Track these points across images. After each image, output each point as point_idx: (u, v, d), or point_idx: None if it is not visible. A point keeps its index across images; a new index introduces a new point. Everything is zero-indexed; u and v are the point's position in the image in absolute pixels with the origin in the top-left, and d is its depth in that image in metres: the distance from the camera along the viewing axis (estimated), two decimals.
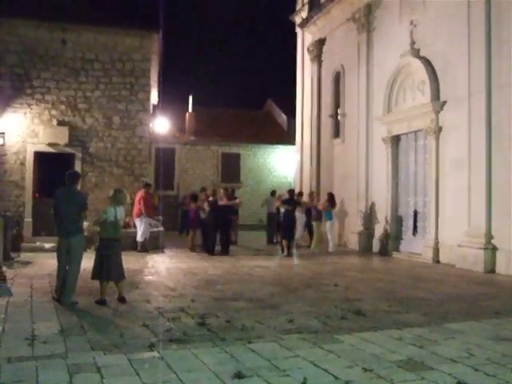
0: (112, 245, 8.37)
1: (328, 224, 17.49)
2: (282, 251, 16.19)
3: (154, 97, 21.52)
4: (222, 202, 16.64)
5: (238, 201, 17.95)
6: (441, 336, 6.39)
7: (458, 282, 11.14)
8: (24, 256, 14.01)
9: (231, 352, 5.61)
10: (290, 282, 11.21)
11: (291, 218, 16.48)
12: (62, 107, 17.32)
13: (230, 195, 17.66)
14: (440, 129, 14.92)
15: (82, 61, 17.53)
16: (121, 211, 8.60)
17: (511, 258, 12.20)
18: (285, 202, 16.72)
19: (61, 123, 17.23)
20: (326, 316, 7.43)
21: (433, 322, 7.21)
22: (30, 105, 17.08)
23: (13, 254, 13.50)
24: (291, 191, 17.51)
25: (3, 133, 16.64)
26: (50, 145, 17.02)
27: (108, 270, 8.22)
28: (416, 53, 15.94)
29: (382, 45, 18.02)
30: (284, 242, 16.24)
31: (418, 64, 15.82)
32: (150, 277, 11.33)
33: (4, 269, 10.70)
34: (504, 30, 12.74)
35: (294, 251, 16.72)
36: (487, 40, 13.12)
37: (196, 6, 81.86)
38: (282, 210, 16.76)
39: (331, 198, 17.81)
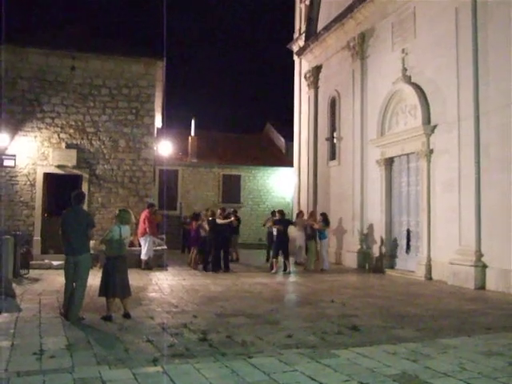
0: (117, 262, 8.36)
1: (323, 243, 17.48)
2: (272, 269, 16.13)
3: (158, 121, 21.60)
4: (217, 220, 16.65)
5: (232, 219, 17.89)
6: (434, 351, 6.35)
7: (450, 299, 11.10)
8: (33, 273, 13.95)
9: (232, 367, 5.59)
10: (288, 298, 11.19)
11: (283, 237, 16.45)
12: (71, 131, 17.39)
13: (226, 214, 17.61)
14: (431, 151, 14.97)
15: (90, 87, 17.65)
16: (125, 230, 8.60)
17: (500, 276, 12.17)
18: (276, 223, 16.65)
19: (69, 146, 17.30)
20: (323, 331, 7.40)
21: (426, 337, 7.18)
22: (40, 128, 17.15)
23: (22, 271, 13.46)
24: (281, 211, 17.47)
25: (14, 155, 16.69)
26: (58, 167, 17.08)
27: (114, 287, 8.20)
28: (408, 79, 16.05)
29: (376, 71, 18.15)
30: (275, 261, 16.24)
31: (409, 90, 15.92)
32: (153, 293, 11.28)
33: (14, 285, 10.68)
34: (490, 59, 12.85)
35: (292, 268, 16.64)
36: (474, 67, 13.23)
37: (199, 34, 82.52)
38: (274, 230, 16.61)
39: (325, 218, 17.80)
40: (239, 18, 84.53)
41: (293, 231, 17.97)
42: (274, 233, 16.41)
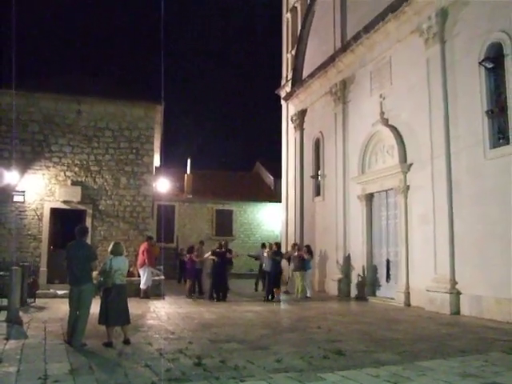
0: (114, 292, 8.25)
1: (308, 272, 17.45)
2: (272, 297, 16.05)
3: (156, 160, 21.67)
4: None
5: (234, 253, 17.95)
6: (413, 373, 6.31)
7: (428, 324, 11.04)
8: (39, 302, 13.78)
9: None
10: (277, 325, 11.08)
11: (279, 268, 16.40)
12: (76, 169, 17.42)
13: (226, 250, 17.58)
14: (408, 187, 15.09)
15: (95, 129, 17.75)
16: (118, 261, 8.48)
17: (473, 301, 12.16)
18: (276, 254, 16.57)
19: (74, 183, 17.30)
20: (310, 356, 7.32)
21: (406, 360, 7.12)
22: (48, 167, 17.18)
23: (29, 300, 13.31)
24: (278, 244, 17.50)
25: (24, 191, 16.69)
26: (64, 202, 17.04)
27: (113, 315, 8.12)
28: (385, 122, 16.27)
29: (356, 115, 18.39)
30: (276, 290, 16.15)
31: (387, 131, 16.12)
32: (151, 321, 11.16)
33: (20, 313, 10.54)
34: (459, 103, 13.09)
35: (281, 297, 16.55)
36: (445, 110, 13.46)
37: (196, 80, 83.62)
38: (270, 260, 16.51)
39: (309, 250, 17.83)
40: (232, 67, 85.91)
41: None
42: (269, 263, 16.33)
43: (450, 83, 13.48)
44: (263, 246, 18.85)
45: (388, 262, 16.16)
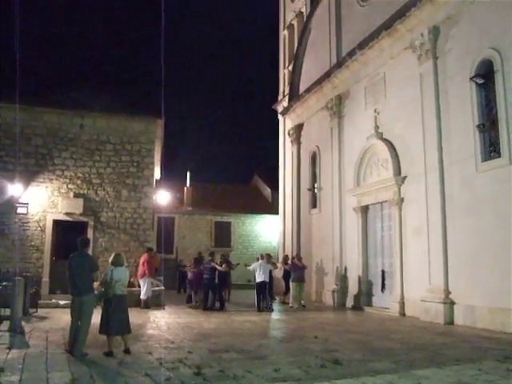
0: (114, 302, 8.20)
1: (303, 284, 17.48)
2: (266, 306, 16.03)
3: (157, 173, 21.68)
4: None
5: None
6: (409, 382, 6.27)
7: (422, 333, 10.99)
8: (41, 312, 13.65)
9: None
10: (275, 335, 11.02)
11: (271, 278, 16.55)
12: (79, 182, 17.44)
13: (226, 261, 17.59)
14: (402, 200, 15.11)
15: (97, 142, 17.80)
16: (119, 272, 8.45)
17: (467, 311, 12.12)
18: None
19: (77, 195, 17.31)
20: (307, 365, 7.27)
21: (401, 369, 7.08)
22: (51, 180, 17.20)
23: (31, 310, 13.18)
24: (269, 255, 17.58)
25: (27, 203, 16.71)
26: (66, 214, 17.06)
27: (114, 324, 8.07)
28: (380, 135, 16.32)
29: (351, 129, 18.45)
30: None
31: (381, 145, 16.17)
32: (151, 331, 11.08)
33: (23, 323, 10.45)
34: (451, 118, 13.15)
35: (278, 307, 16.49)
36: (438, 125, 13.53)
37: (195, 94, 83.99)
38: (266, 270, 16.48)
39: (299, 260, 17.91)
40: (231, 82, 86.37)
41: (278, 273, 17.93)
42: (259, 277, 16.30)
43: (442, 98, 13.56)
44: (262, 257, 18.79)
45: (383, 272, 16.11)
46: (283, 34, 28.16)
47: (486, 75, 12.20)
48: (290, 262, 18.53)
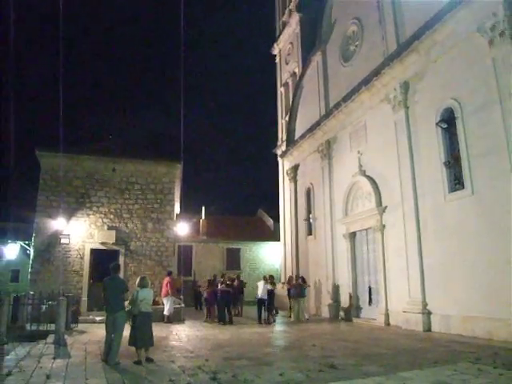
0: (140, 319, 8.12)
1: (304, 299, 17.23)
2: (267, 320, 15.84)
3: (177, 208, 21.77)
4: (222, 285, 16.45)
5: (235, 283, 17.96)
6: (395, 382, 6.16)
7: (405, 340, 10.80)
8: (81, 326, 13.53)
9: None
10: (279, 344, 10.85)
11: (272, 295, 16.41)
12: (111, 216, 17.53)
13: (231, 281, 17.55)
14: (384, 226, 15.07)
15: (126, 183, 17.98)
16: (145, 292, 8.38)
17: (442, 320, 11.93)
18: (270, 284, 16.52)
19: (110, 228, 17.39)
20: (307, 370, 7.16)
21: (389, 371, 6.95)
22: (88, 215, 17.31)
23: (72, 325, 13.09)
24: (272, 276, 17.42)
25: (69, 235, 16.81)
26: (101, 243, 17.14)
27: (140, 338, 7.99)
28: (363, 173, 16.40)
29: (339, 168, 18.55)
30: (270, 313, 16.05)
31: (364, 181, 16.23)
32: (173, 342, 10.94)
33: (65, 336, 10.38)
34: (422, 156, 13.25)
35: (281, 320, 16.23)
36: (411, 163, 13.61)
37: (208, 143, 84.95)
38: (268, 288, 16.32)
39: (304, 280, 17.63)
40: (238, 131, 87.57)
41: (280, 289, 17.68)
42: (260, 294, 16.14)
43: (413, 140, 13.69)
44: (265, 278, 18.63)
45: (370, 288, 15.93)
46: (280, 90, 28.60)
47: (448, 121, 12.35)
48: (294, 282, 18.26)
